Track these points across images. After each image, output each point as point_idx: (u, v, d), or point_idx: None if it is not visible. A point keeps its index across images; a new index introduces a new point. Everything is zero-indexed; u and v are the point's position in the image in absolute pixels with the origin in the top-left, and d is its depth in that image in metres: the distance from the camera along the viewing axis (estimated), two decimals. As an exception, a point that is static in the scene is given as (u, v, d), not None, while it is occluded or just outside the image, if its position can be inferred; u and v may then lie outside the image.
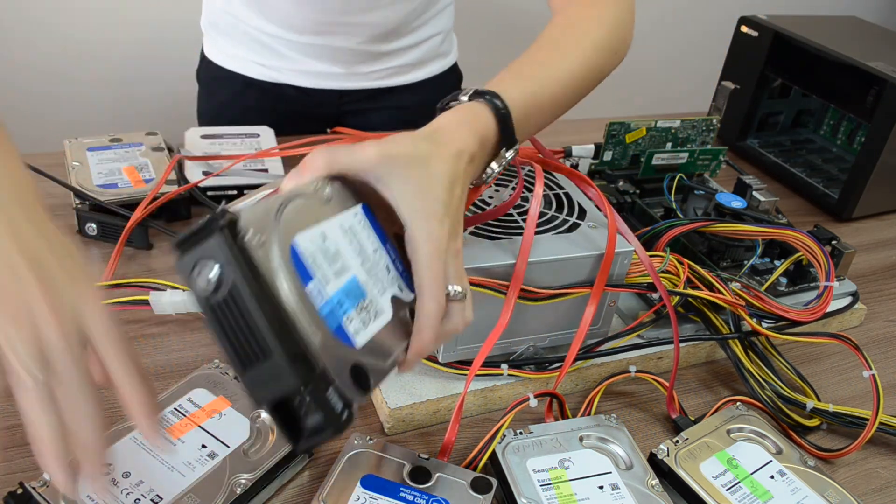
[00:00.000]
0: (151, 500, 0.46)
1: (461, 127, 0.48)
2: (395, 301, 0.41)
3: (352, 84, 1.00)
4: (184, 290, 0.56)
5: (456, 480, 0.48)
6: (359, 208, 0.42)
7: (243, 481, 0.47)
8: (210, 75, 1.03)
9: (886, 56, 0.92)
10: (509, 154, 0.52)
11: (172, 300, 0.56)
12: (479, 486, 0.48)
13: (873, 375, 0.57)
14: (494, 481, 0.48)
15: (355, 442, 0.50)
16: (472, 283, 0.50)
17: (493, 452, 0.51)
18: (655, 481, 0.50)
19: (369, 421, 0.57)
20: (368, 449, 0.49)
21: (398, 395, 0.56)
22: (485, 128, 0.50)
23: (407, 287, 0.42)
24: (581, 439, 0.53)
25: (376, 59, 0.98)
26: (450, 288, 0.43)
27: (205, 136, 0.85)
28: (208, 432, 0.50)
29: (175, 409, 0.52)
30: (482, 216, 0.57)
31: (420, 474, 0.48)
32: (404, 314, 0.43)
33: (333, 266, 0.37)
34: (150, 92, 1.70)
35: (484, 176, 0.52)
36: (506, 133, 0.51)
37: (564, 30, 0.62)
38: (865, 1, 2.56)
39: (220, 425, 0.51)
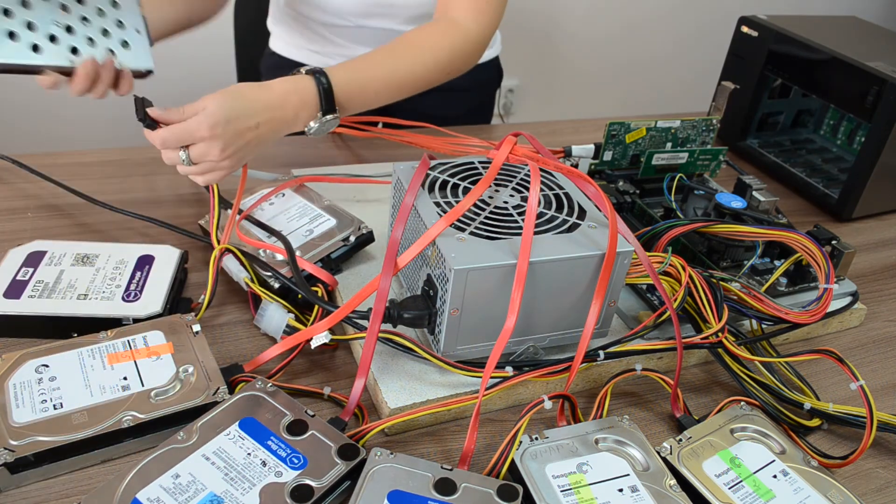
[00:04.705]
0: (54, 406, 0.51)
1: (286, 85, 0.69)
2: (269, 487, 0.47)
3: None
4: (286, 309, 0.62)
5: (482, 490, 0.48)
6: (234, 426, 0.50)
7: (129, 419, 0.50)
8: (272, 64, 1.13)
9: (886, 56, 0.92)
10: (328, 117, 0.71)
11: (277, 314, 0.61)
12: (506, 493, 0.47)
13: (861, 386, 0.56)
14: (520, 488, 0.48)
15: (376, 457, 0.49)
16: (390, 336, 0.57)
17: (512, 460, 0.50)
18: (673, 482, 0.50)
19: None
20: (390, 463, 0.49)
21: (398, 395, 0.56)
22: (305, 92, 0.69)
23: (289, 466, 0.48)
24: (597, 442, 0.53)
25: None
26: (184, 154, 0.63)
27: None
28: (138, 369, 0.54)
29: (127, 341, 0.57)
30: None
31: (445, 486, 0.48)
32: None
33: (186, 493, 0.45)
34: (154, 92, 1.69)
35: (306, 129, 0.71)
36: (327, 102, 0.71)
37: (407, 42, 0.80)
38: (865, 1, 2.57)
39: (150, 366, 0.55)
